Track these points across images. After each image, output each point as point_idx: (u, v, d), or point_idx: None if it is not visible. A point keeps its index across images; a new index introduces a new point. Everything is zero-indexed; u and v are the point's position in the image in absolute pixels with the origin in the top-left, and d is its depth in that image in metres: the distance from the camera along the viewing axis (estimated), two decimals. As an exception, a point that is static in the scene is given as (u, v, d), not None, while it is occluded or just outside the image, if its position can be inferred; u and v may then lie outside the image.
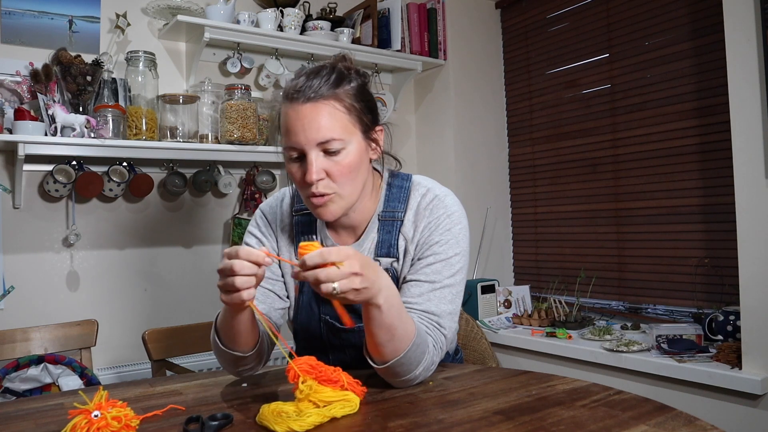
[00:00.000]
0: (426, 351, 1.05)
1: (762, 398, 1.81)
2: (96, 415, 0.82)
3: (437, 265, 1.13)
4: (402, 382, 1.06)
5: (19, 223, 2.07)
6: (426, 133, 2.99)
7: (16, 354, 1.60)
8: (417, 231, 1.17)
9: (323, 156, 1.07)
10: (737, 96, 1.84)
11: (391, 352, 1.01)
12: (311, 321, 1.23)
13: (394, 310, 0.98)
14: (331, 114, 1.06)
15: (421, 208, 1.18)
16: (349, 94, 1.08)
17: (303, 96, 1.05)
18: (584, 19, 2.69)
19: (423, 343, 1.05)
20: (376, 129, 1.15)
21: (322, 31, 2.48)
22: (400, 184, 1.22)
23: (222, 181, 2.35)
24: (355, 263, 0.89)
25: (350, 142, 1.08)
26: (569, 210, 2.77)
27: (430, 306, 1.11)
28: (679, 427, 0.85)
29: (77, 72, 1.96)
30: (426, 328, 1.09)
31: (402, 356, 1.01)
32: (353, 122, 1.09)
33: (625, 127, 2.54)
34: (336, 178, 1.07)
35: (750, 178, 1.81)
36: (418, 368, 1.05)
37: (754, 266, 1.81)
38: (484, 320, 2.63)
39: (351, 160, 1.08)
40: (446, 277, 1.13)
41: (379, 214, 1.20)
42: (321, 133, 1.05)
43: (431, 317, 1.11)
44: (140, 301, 2.29)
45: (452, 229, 1.16)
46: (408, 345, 1.01)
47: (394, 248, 1.18)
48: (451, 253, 1.14)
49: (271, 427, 0.86)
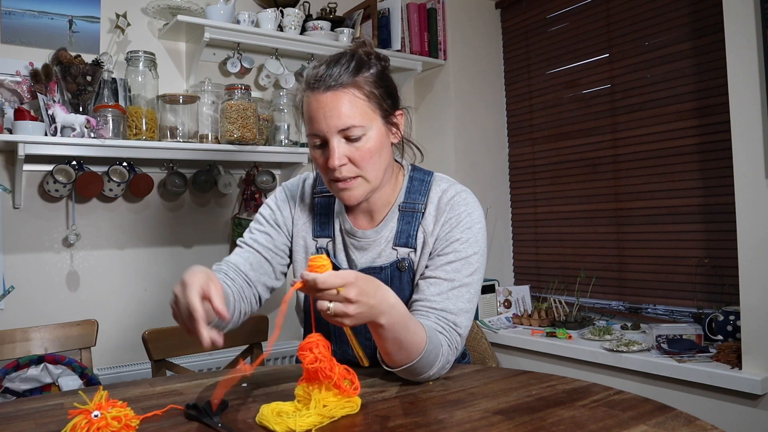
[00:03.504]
0: (439, 353, 1.06)
1: (762, 398, 1.81)
2: (96, 415, 0.82)
3: (457, 264, 1.14)
4: (418, 380, 1.09)
5: (19, 223, 2.07)
6: (426, 134, 2.99)
7: (16, 354, 1.60)
8: (437, 225, 1.18)
9: (345, 142, 1.09)
10: (737, 96, 1.84)
11: (402, 359, 1.03)
12: None
13: (398, 327, 0.98)
14: (351, 102, 1.08)
15: (442, 203, 1.19)
16: (368, 81, 1.11)
17: (324, 84, 1.08)
18: (584, 19, 2.68)
19: (436, 348, 1.05)
20: (396, 113, 1.17)
21: (322, 31, 2.48)
22: (421, 177, 1.24)
23: (222, 181, 2.35)
24: (351, 291, 0.89)
25: (371, 128, 1.10)
26: (569, 210, 2.77)
27: (448, 305, 1.12)
28: (679, 427, 0.84)
29: (77, 72, 1.96)
30: (441, 328, 1.10)
31: (414, 363, 1.03)
32: (373, 108, 1.11)
33: (625, 127, 2.54)
34: (358, 163, 1.10)
35: (750, 178, 1.81)
36: (432, 369, 1.07)
37: (754, 266, 1.81)
38: (484, 320, 2.63)
39: (372, 146, 1.10)
40: (465, 276, 1.15)
41: (399, 205, 1.21)
42: (342, 121, 1.07)
43: (447, 316, 1.12)
44: (140, 301, 2.29)
45: (472, 227, 1.17)
46: (419, 353, 1.02)
47: (412, 239, 1.19)
48: (470, 251, 1.16)
49: (271, 427, 0.86)
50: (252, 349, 1.73)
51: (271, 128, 2.39)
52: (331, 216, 1.26)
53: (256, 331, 1.73)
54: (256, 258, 1.23)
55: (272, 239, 1.26)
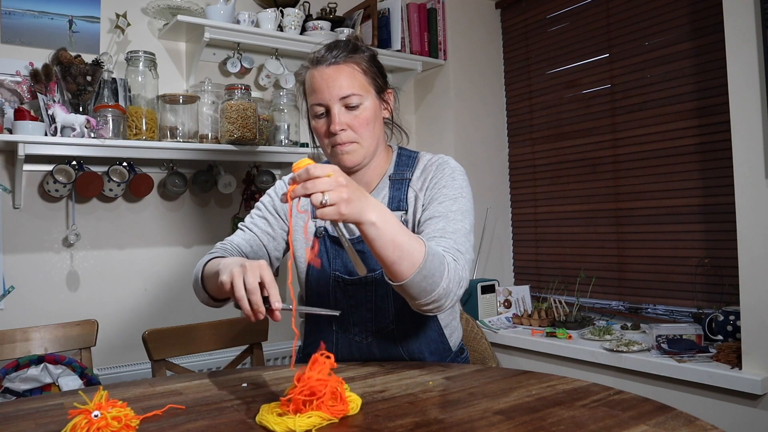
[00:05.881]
0: (444, 262, 1.07)
1: (762, 398, 1.81)
2: (96, 415, 0.82)
3: (447, 203, 1.23)
4: (435, 304, 1.08)
5: (19, 223, 2.07)
6: (426, 133, 2.99)
7: (16, 354, 1.60)
8: (425, 183, 1.30)
9: (345, 110, 1.24)
10: (737, 96, 1.84)
11: (408, 268, 1.02)
12: (321, 279, 1.30)
13: (390, 224, 1.01)
14: (350, 74, 1.24)
15: (428, 166, 1.33)
16: (364, 59, 1.28)
17: (326, 61, 1.25)
18: (584, 19, 2.69)
19: (438, 254, 1.07)
20: (387, 91, 1.33)
21: (322, 31, 2.48)
22: (408, 154, 1.38)
23: (222, 181, 2.35)
24: (340, 177, 0.94)
25: (367, 98, 1.26)
26: (569, 210, 2.77)
27: (447, 229, 1.18)
28: (679, 427, 0.85)
29: (77, 72, 1.96)
30: (442, 248, 1.12)
31: (421, 267, 1.02)
32: (369, 82, 1.27)
33: (625, 127, 2.54)
34: (357, 129, 1.25)
35: (750, 178, 1.81)
36: (443, 279, 1.06)
37: (754, 266, 1.81)
38: (484, 320, 2.63)
39: (368, 115, 1.26)
40: (456, 212, 1.22)
41: (390, 176, 1.34)
42: (343, 90, 1.23)
43: (446, 235, 1.16)
44: (140, 301, 2.29)
45: (456, 178, 1.29)
46: (423, 255, 1.03)
47: (403, 202, 1.30)
48: (457, 194, 1.25)
49: (270, 427, 0.86)
50: (252, 349, 1.73)
51: (271, 128, 2.39)
52: None
53: (256, 332, 1.73)
54: (255, 241, 1.34)
55: (270, 225, 1.36)
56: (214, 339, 1.68)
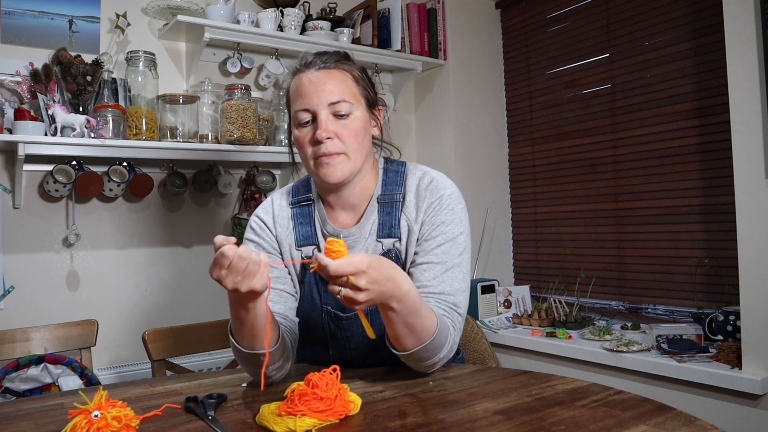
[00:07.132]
0: (448, 335, 1.09)
1: (762, 398, 1.81)
2: (96, 415, 0.82)
3: (446, 246, 1.17)
4: (426, 367, 1.10)
5: (19, 223, 2.07)
6: (426, 133, 2.99)
7: (16, 354, 1.60)
8: (420, 211, 1.20)
9: (333, 118, 1.15)
10: (737, 96, 1.84)
11: (413, 342, 1.04)
12: (312, 312, 1.24)
13: (408, 312, 1.00)
14: (341, 80, 1.16)
15: (420, 189, 1.22)
16: (355, 68, 1.20)
17: (315, 66, 1.17)
18: (584, 19, 2.68)
19: (444, 329, 1.08)
20: (377, 107, 1.25)
21: (322, 31, 2.48)
22: (395, 168, 1.27)
23: (222, 181, 2.35)
24: (362, 280, 0.91)
25: (357, 108, 1.17)
26: (569, 210, 2.77)
27: (445, 287, 1.15)
28: (679, 427, 0.84)
29: (77, 72, 1.96)
30: (443, 310, 1.12)
31: (427, 344, 1.04)
32: (360, 92, 1.19)
33: (625, 127, 2.54)
34: (345, 139, 1.14)
35: (750, 178, 1.81)
36: (441, 352, 1.08)
37: (754, 266, 1.81)
38: (484, 320, 2.63)
39: (358, 125, 1.16)
40: (455, 256, 1.17)
41: (378, 197, 1.24)
42: (332, 95, 1.14)
43: (446, 298, 1.14)
44: (140, 301, 2.29)
45: (455, 208, 1.20)
46: (430, 336, 1.04)
47: (395, 228, 1.21)
48: (456, 232, 1.19)
49: (270, 427, 0.86)
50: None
51: (271, 128, 2.39)
52: (311, 223, 1.26)
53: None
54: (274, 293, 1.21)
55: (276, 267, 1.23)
56: (214, 339, 1.68)
